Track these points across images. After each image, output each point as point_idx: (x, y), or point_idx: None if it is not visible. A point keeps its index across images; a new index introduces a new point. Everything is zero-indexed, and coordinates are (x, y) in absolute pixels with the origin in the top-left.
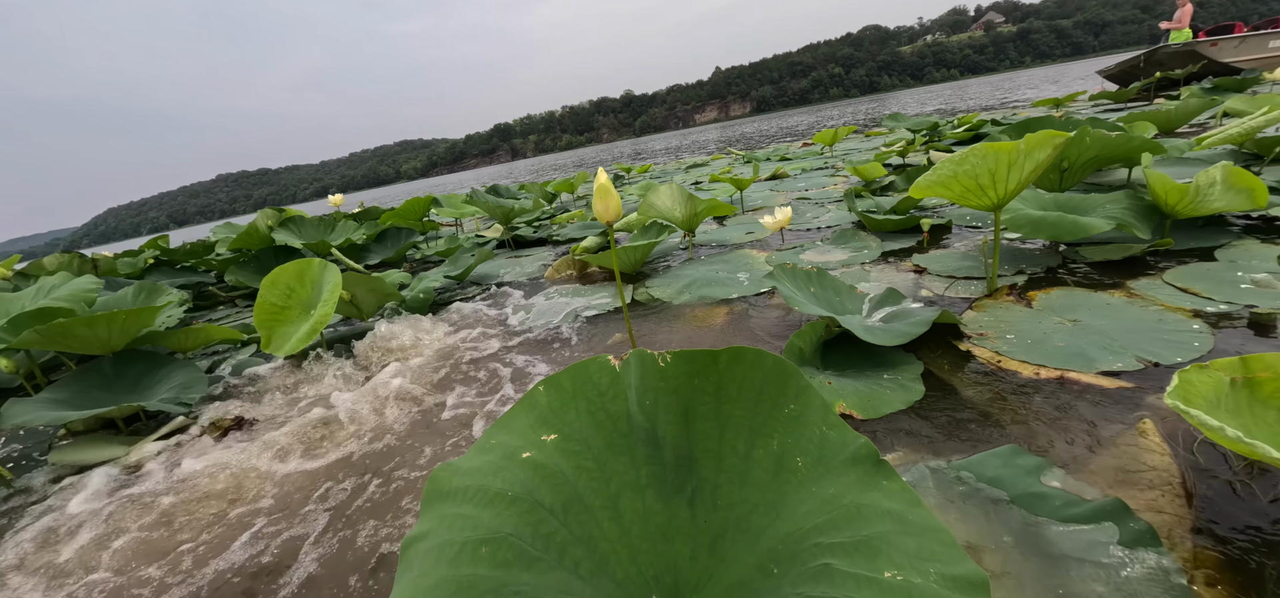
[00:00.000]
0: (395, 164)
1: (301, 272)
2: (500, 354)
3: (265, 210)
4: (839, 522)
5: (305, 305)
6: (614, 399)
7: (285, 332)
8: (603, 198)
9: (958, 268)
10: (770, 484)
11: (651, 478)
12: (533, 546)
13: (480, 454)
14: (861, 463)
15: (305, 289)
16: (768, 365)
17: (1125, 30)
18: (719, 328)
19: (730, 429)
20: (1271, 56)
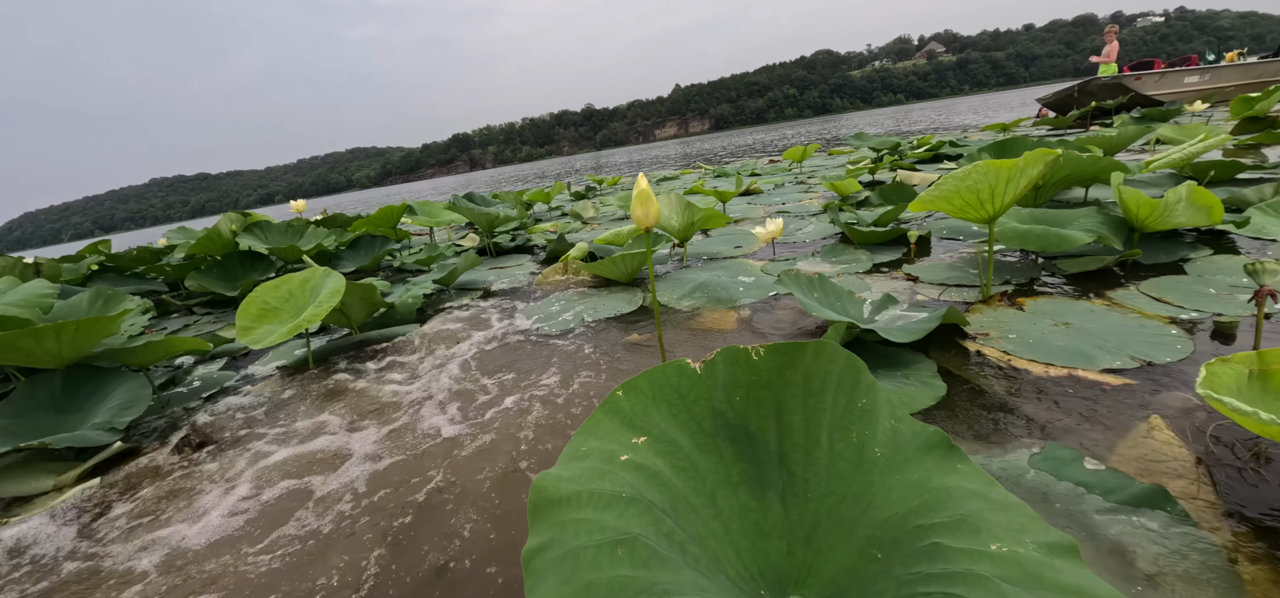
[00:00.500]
0: (347, 172)
1: (307, 280)
2: (531, 359)
3: (229, 214)
4: (933, 504)
5: (296, 310)
6: (695, 400)
7: (266, 331)
8: (643, 203)
9: (947, 276)
10: (854, 475)
11: (743, 475)
12: (659, 545)
13: (576, 461)
14: (936, 449)
15: (303, 295)
16: (842, 361)
17: (1052, 63)
18: (732, 332)
19: (814, 423)
20: (1187, 90)
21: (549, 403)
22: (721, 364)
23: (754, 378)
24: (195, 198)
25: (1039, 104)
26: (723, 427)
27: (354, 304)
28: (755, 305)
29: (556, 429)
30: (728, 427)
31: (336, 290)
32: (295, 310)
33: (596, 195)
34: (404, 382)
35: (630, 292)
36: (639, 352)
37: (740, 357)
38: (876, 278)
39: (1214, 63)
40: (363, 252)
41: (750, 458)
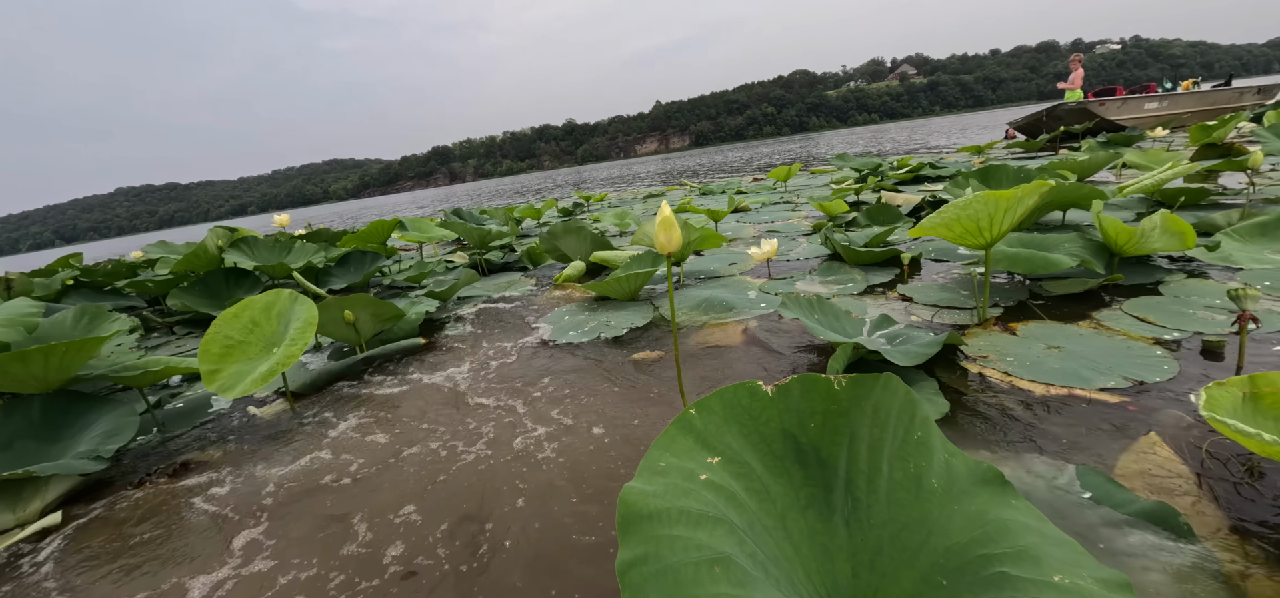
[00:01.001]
0: (323, 183)
1: (269, 304)
2: (558, 374)
3: (215, 229)
4: (994, 535)
5: (268, 342)
6: (766, 422)
7: (238, 370)
8: (666, 230)
9: (940, 298)
10: (913, 504)
11: (810, 499)
12: (748, 565)
13: (657, 476)
14: (990, 483)
15: (271, 323)
16: (902, 395)
17: (1017, 87)
18: (738, 345)
19: (877, 452)
20: (1147, 116)
21: (607, 423)
22: (798, 390)
23: (833, 406)
24: (163, 208)
25: (1009, 127)
26: (793, 450)
27: (366, 320)
28: (757, 322)
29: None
30: (799, 450)
31: (309, 321)
32: (265, 343)
33: (582, 212)
34: (423, 405)
35: (639, 308)
36: (654, 366)
37: (820, 385)
38: (871, 298)
39: (1171, 90)
40: (353, 268)
41: (819, 482)
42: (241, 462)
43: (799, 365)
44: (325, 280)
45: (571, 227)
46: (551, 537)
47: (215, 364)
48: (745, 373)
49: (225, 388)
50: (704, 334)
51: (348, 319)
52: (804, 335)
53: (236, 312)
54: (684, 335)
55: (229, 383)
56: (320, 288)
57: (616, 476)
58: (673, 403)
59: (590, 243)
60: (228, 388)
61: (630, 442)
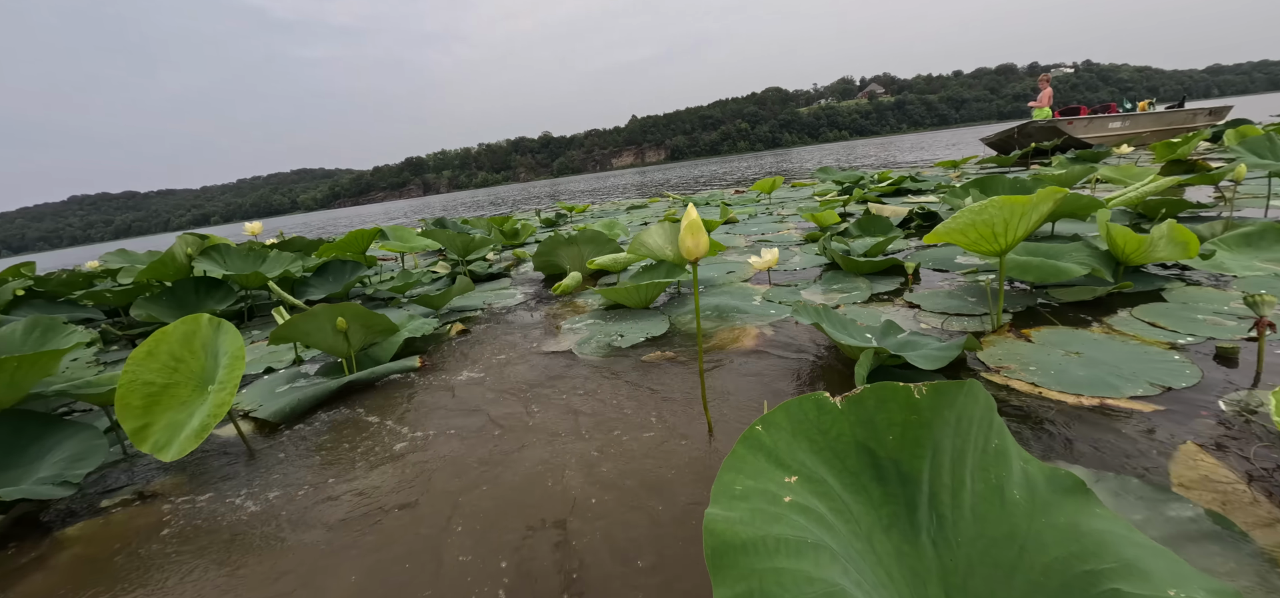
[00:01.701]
0: (291, 193)
1: (187, 335)
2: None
3: (184, 236)
4: (1094, 550)
5: (199, 380)
6: (837, 436)
7: (170, 421)
8: (693, 235)
9: (947, 306)
10: (999, 518)
11: (892, 518)
12: (858, 596)
13: (739, 501)
14: (1074, 492)
15: (196, 357)
16: (983, 401)
17: (978, 106)
18: (753, 349)
19: (960, 464)
20: (1111, 134)
21: (664, 430)
22: (872, 401)
23: (913, 417)
24: (120, 217)
25: (983, 143)
26: (869, 465)
27: (356, 331)
28: (770, 328)
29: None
30: (876, 465)
31: (236, 355)
32: (196, 381)
33: (565, 223)
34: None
35: (654, 317)
36: (663, 367)
37: (898, 395)
38: (877, 306)
39: (1131, 110)
40: (332, 278)
41: (900, 499)
42: (197, 512)
43: (817, 369)
44: (303, 291)
45: (571, 239)
46: None
47: (141, 419)
48: (772, 377)
49: (160, 447)
50: (720, 340)
51: (340, 327)
52: (816, 341)
53: (149, 349)
54: (704, 336)
55: (164, 438)
56: (297, 299)
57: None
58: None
59: (592, 251)
60: (163, 446)
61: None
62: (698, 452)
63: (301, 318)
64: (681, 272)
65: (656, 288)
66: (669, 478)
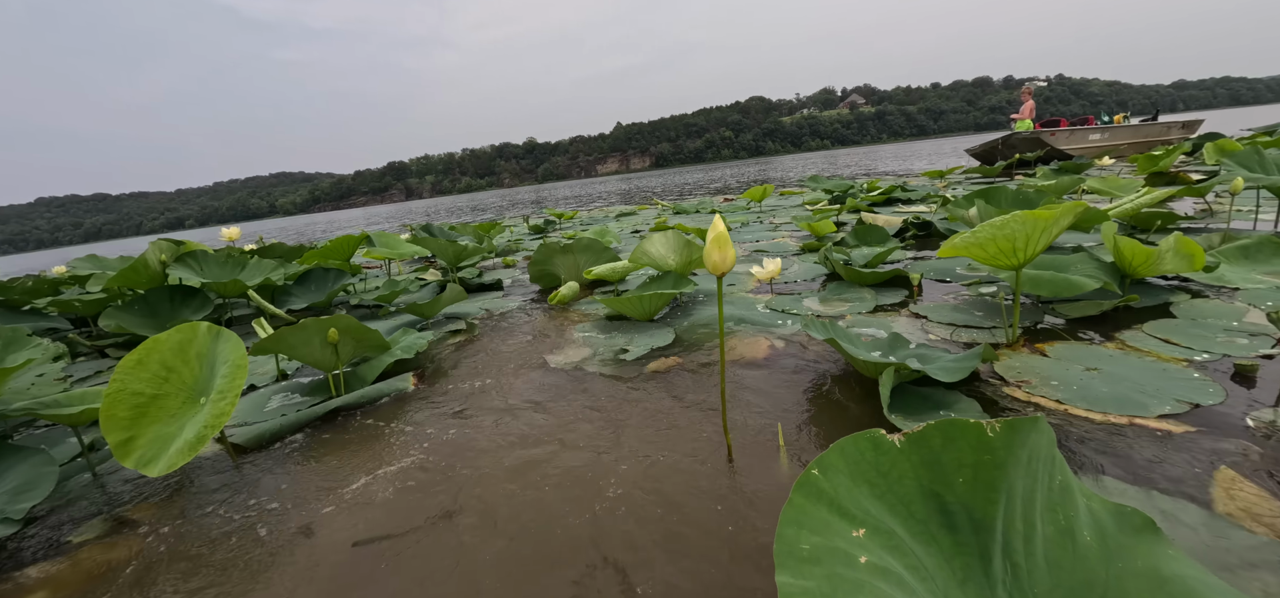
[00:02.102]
0: (270, 197)
1: (182, 343)
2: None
3: (157, 241)
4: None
5: (191, 391)
6: (898, 479)
7: (159, 434)
8: (720, 248)
9: (954, 318)
10: (1074, 564)
11: (966, 571)
12: None
13: (809, 565)
14: (1144, 532)
15: (189, 367)
16: (1048, 436)
17: (956, 118)
18: (764, 360)
19: (1030, 506)
20: (1091, 146)
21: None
22: (938, 439)
23: (986, 457)
24: (90, 220)
25: (968, 154)
26: (938, 511)
27: (347, 344)
28: (779, 340)
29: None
30: (945, 512)
31: (238, 364)
32: (187, 392)
33: (554, 230)
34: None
35: (659, 328)
36: (674, 374)
37: (968, 433)
38: (882, 317)
39: (1108, 123)
40: (315, 286)
41: (973, 549)
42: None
43: (833, 382)
44: (284, 300)
45: (568, 247)
46: None
47: (126, 431)
48: (789, 391)
49: (146, 461)
50: (730, 348)
51: (331, 339)
52: (829, 352)
53: (140, 357)
54: (713, 349)
55: (150, 453)
56: (278, 309)
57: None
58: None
59: (589, 260)
60: (149, 460)
61: None
62: (757, 484)
63: (288, 331)
64: (688, 283)
65: (662, 300)
66: (713, 518)
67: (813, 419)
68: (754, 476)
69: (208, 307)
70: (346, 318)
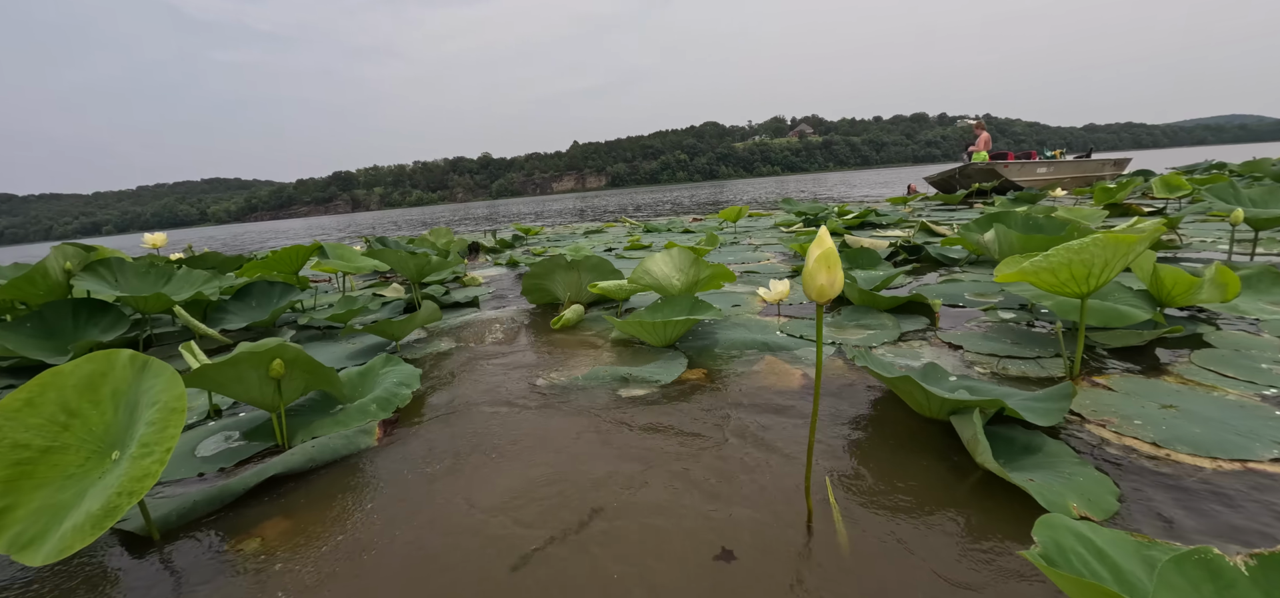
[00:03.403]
0: (201, 204)
1: (93, 378)
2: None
3: (62, 246)
4: None
5: (100, 445)
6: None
7: (46, 504)
8: (828, 269)
9: (990, 347)
10: None
11: None
12: None
13: None
14: None
15: (100, 412)
16: None
17: (896, 150)
18: (797, 391)
19: None
20: (1039, 178)
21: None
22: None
23: None
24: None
25: (927, 182)
26: None
27: (295, 386)
28: (803, 366)
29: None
30: None
31: (171, 406)
32: (94, 446)
33: (521, 245)
34: None
35: (676, 356)
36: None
37: None
38: (908, 345)
39: (1050, 158)
40: (256, 303)
41: None
42: None
43: (876, 416)
44: (219, 318)
45: (572, 263)
46: None
47: (4, 499)
48: (832, 426)
49: (25, 543)
50: (763, 380)
51: (276, 372)
52: (862, 377)
53: (30, 396)
54: (740, 380)
55: (32, 530)
56: (211, 328)
57: None
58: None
59: (595, 280)
60: (30, 542)
61: None
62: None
63: (215, 365)
64: (706, 307)
65: (685, 325)
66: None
67: (867, 464)
68: (826, 540)
69: (122, 325)
70: (294, 348)
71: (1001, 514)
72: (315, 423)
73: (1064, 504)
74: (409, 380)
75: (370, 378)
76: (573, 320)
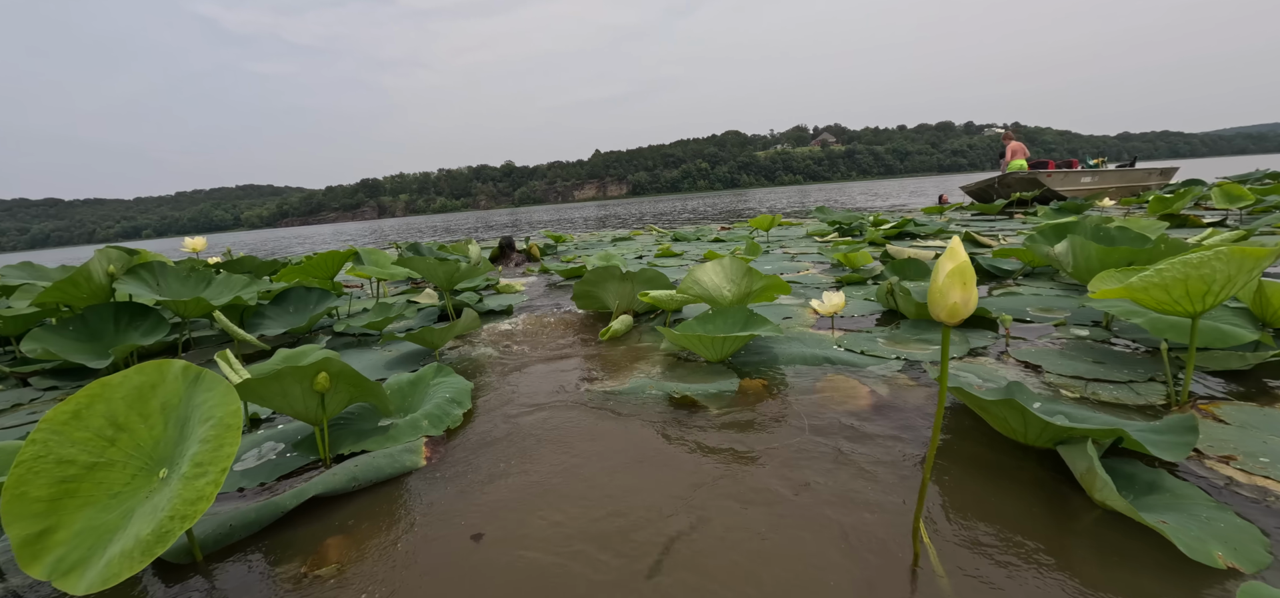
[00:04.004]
0: (235, 209)
1: (142, 389)
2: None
3: (105, 250)
4: None
5: (148, 462)
6: None
7: (91, 526)
8: (963, 285)
9: (1078, 369)
10: None
11: None
12: None
13: None
14: None
15: (149, 426)
16: None
17: (920, 159)
18: (867, 410)
19: None
20: (1083, 188)
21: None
22: None
23: None
24: (38, 226)
25: (964, 190)
26: None
27: (339, 400)
28: (878, 384)
29: None
30: None
31: (228, 423)
32: (142, 463)
33: (553, 254)
34: None
35: (728, 373)
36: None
37: None
38: (976, 362)
39: (1094, 167)
40: (294, 309)
41: None
42: None
43: (957, 441)
44: (257, 324)
45: (626, 275)
46: None
47: (41, 521)
48: (911, 450)
49: (67, 568)
50: (827, 396)
51: (321, 386)
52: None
53: (77, 408)
54: (804, 399)
55: (75, 555)
56: (249, 334)
57: None
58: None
59: (645, 287)
60: (73, 567)
61: None
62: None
63: (260, 380)
64: (765, 323)
65: (742, 340)
66: None
67: (958, 499)
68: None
69: (162, 329)
70: (339, 361)
71: (1126, 562)
72: (361, 436)
73: (1208, 552)
74: (461, 397)
75: (420, 389)
76: (621, 331)
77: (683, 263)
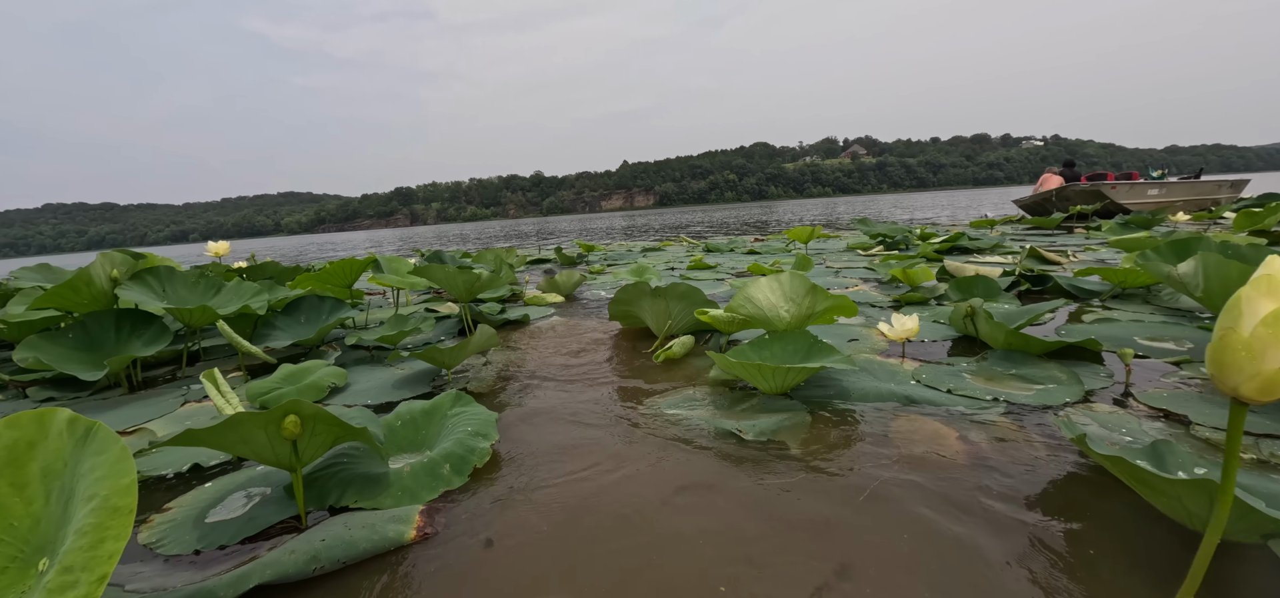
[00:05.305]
0: (276, 215)
1: (17, 449)
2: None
3: (108, 253)
4: None
5: (25, 548)
6: None
7: None
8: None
9: (1213, 417)
10: None
11: None
12: None
13: None
14: None
15: (27, 500)
16: None
17: (955, 172)
18: (963, 465)
19: None
20: (1149, 201)
21: None
22: None
23: None
24: (94, 229)
25: (1016, 205)
26: None
27: (315, 446)
28: (970, 430)
29: None
30: None
31: (114, 504)
32: (19, 548)
33: (583, 263)
34: None
35: (795, 404)
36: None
37: None
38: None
39: (1158, 178)
40: (305, 318)
41: None
42: None
43: (1091, 515)
44: (265, 334)
45: (659, 290)
46: None
47: None
48: (1030, 529)
49: None
50: (910, 446)
51: (289, 432)
52: (1048, 448)
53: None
54: (884, 447)
55: None
56: (256, 346)
57: None
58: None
59: (684, 309)
60: None
61: None
62: None
63: (212, 428)
64: (833, 353)
65: (808, 373)
66: None
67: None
68: None
69: (165, 338)
70: (310, 406)
71: None
72: (361, 488)
73: None
74: (486, 430)
75: (436, 420)
76: (678, 354)
77: (718, 275)
